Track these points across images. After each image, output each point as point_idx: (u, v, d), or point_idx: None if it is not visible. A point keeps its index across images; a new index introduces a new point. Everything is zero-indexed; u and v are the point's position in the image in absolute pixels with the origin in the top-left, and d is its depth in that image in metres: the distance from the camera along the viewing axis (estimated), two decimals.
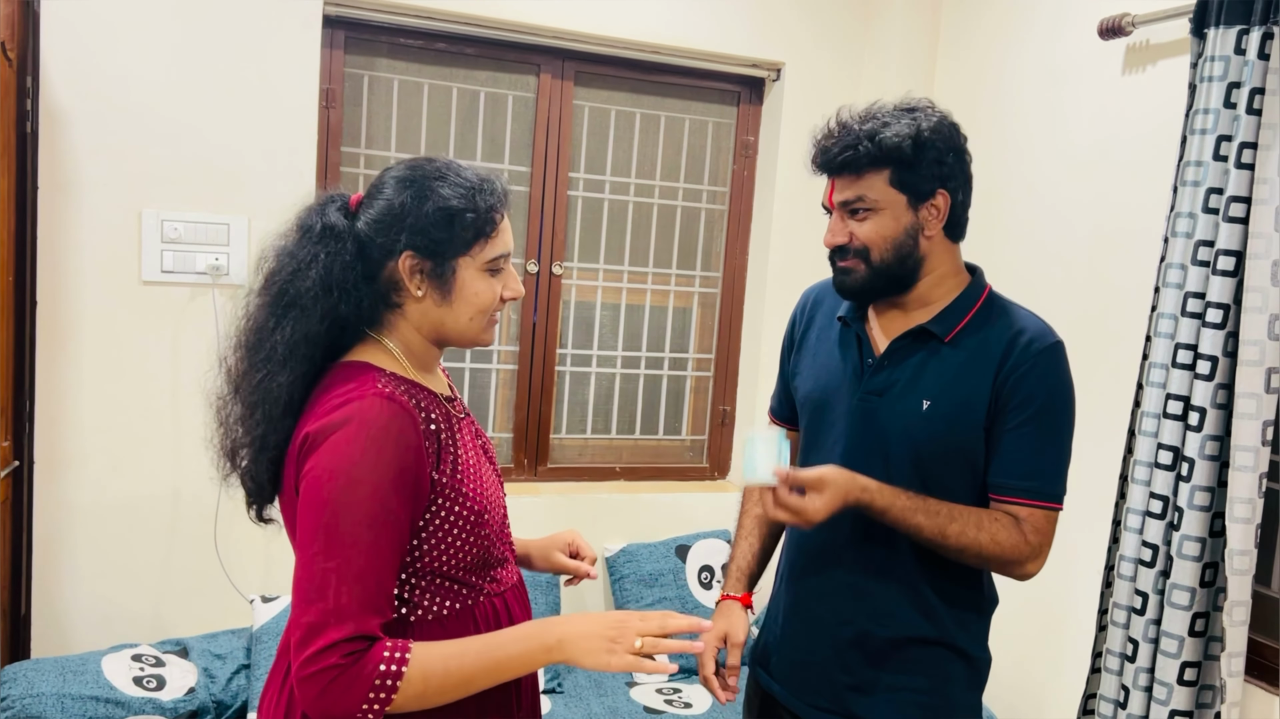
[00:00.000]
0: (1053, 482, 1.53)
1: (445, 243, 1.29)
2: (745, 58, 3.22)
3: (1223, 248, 2.09)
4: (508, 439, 3.25)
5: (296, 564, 1.21)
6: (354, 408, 1.22)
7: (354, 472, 1.19)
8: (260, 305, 1.31)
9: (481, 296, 1.33)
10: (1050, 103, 2.80)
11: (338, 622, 1.16)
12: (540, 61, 3.10)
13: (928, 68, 3.28)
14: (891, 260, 1.53)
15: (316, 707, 1.17)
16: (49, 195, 2.55)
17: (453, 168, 1.33)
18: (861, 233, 1.52)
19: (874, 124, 1.49)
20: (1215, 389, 2.12)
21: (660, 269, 3.38)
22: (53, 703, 2.33)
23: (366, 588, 1.18)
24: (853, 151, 1.48)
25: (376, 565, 1.20)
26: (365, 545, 1.19)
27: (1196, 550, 2.14)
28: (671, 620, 1.27)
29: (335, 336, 1.31)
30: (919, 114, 1.51)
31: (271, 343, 1.28)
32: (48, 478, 2.63)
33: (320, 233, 1.29)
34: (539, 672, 2.77)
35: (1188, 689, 2.17)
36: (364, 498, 1.19)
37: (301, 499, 1.22)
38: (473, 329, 1.35)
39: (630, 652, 1.23)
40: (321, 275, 1.27)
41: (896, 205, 1.51)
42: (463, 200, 1.30)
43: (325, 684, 1.15)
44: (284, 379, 1.27)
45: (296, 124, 2.74)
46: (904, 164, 1.48)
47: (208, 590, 2.75)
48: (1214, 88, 2.12)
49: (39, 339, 2.58)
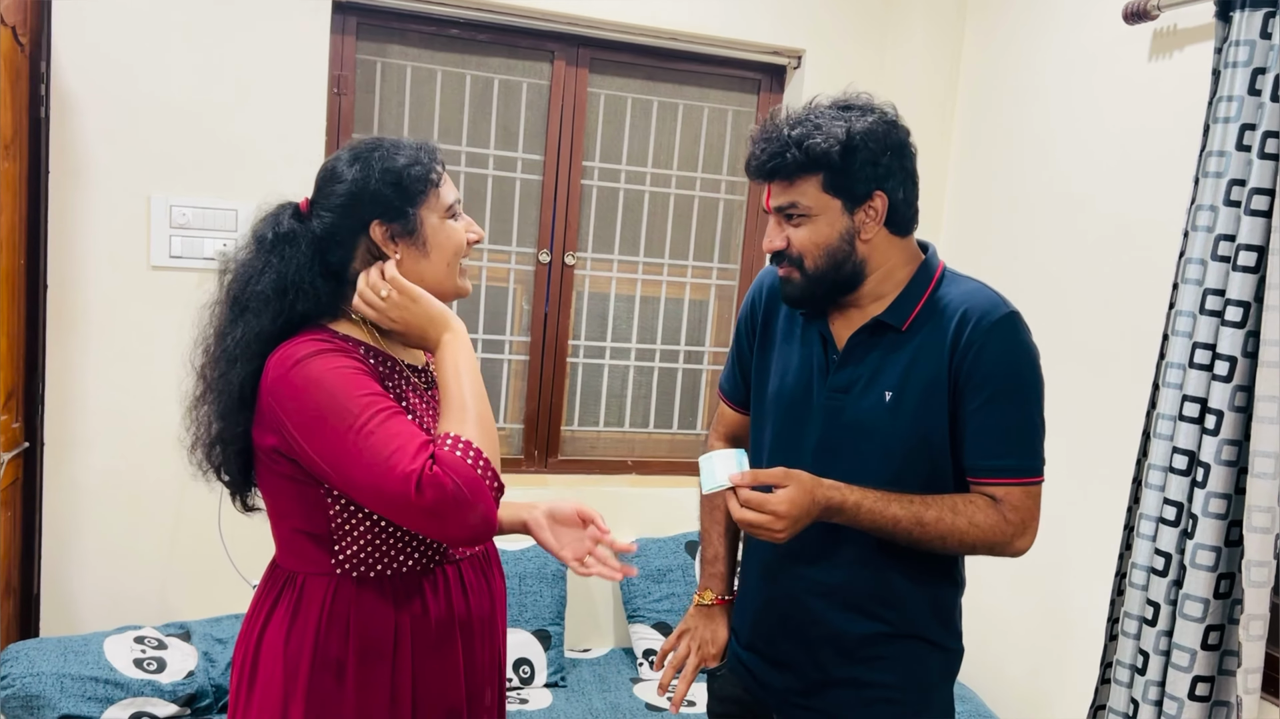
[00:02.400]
0: (1026, 456, 1.51)
1: (402, 200, 1.39)
2: (765, 44, 3.15)
3: (1244, 242, 1.98)
4: (519, 430, 3.23)
5: (336, 472, 1.27)
6: (289, 348, 1.33)
7: (324, 379, 1.28)
8: (219, 312, 1.43)
9: (453, 238, 1.44)
10: (1075, 91, 2.70)
11: (412, 457, 1.22)
12: (555, 48, 3.06)
13: (952, 55, 3.19)
14: (826, 267, 1.50)
15: (456, 521, 1.23)
16: (60, 180, 2.58)
17: (387, 141, 1.43)
18: (796, 239, 1.50)
19: (803, 129, 1.44)
20: (1234, 391, 2.02)
21: (676, 260, 3.32)
22: (52, 682, 2.36)
23: (393, 422, 1.26)
24: (780, 159, 1.45)
25: (383, 410, 1.27)
26: (373, 405, 1.27)
27: (1211, 560, 2.04)
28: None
29: (294, 330, 1.38)
30: (852, 114, 1.46)
31: (226, 344, 1.39)
32: (57, 460, 2.66)
33: (272, 241, 1.39)
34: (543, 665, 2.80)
35: (1200, 705, 2.08)
36: (346, 385, 1.28)
37: (298, 435, 1.29)
38: (451, 276, 1.44)
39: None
40: (274, 280, 1.37)
41: (831, 210, 1.47)
42: (405, 159, 1.40)
43: (442, 496, 1.21)
44: (236, 375, 1.36)
45: (306, 110, 2.74)
46: (835, 169, 1.44)
47: (212, 574, 2.76)
48: (1238, 74, 2.01)
49: (49, 323, 2.61)
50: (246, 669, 1.42)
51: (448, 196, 1.44)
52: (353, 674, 1.37)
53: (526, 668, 2.86)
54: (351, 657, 1.37)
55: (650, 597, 3.06)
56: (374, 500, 1.26)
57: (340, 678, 1.37)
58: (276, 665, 1.38)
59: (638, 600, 3.07)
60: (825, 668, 1.59)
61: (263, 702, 1.39)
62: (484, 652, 1.50)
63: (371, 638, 1.38)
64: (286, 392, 1.31)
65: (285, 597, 1.41)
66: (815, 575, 1.58)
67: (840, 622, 1.57)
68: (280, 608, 1.41)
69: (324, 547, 1.39)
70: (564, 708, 2.76)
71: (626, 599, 3.10)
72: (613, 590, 3.22)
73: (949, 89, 3.22)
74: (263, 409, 1.35)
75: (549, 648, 2.90)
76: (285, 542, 1.45)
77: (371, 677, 1.38)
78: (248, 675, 1.42)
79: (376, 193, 1.38)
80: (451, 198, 1.44)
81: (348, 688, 1.37)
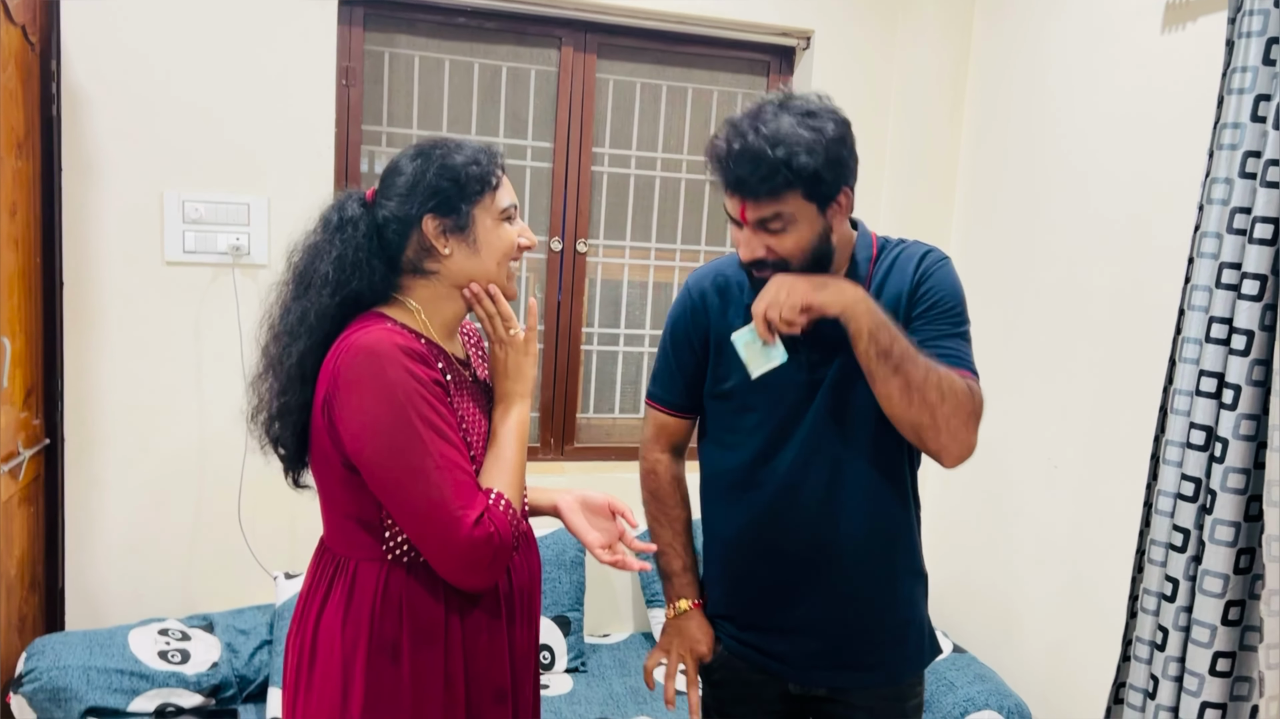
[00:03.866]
0: (964, 360, 1.61)
1: (457, 197, 1.44)
2: (774, 26, 3.13)
3: (1260, 215, 1.96)
4: (534, 419, 3.23)
5: (391, 495, 1.36)
6: (362, 342, 1.36)
7: (385, 388, 1.33)
8: (284, 292, 1.49)
9: (504, 239, 1.48)
10: (1087, 66, 2.67)
11: (464, 510, 1.34)
12: (562, 34, 3.05)
13: (963, 32, 3.16)
14: (809, 264, 1.56)
15: (488, 576, 1.38)
16: (73, 178, 2.59)
17: (452, 140, 1.50)
18: (781, 247, 1.54)
19: (785, 148, 1.46)
20: (1251, 365, 1.99)
21: (688, 246, 3.32)
22: (78, 675, 2.39)
23: (461, 468, 1.36)
24: (772, 181, 1.48)
25: (454, 451, 1.36)
26: (437, 441, 1.34)
27: (1230, 535, 2.03)
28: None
29: (350, 310, 1.45)
30: (819, 121, 1.50)
31: (289, 319, 1.45)
32: (78, 456, 2.68)
33: (337, 224, 1.46)
34: (563, 650, 2.84)
35: (1221, 680, 2.06)
36: (404, 401, 1.33)
37: (355, 444, 1.35)
38: (500, 276, 1.49)
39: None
40: (336, 260, 1.43)
41: (809, 215, 1.53)
42: (463, 158, 1.45)
43: (491, 554, 1.35)
44: (298, 349, 1.43)
45: (314, 103, 2.75)
46: (817, 179, 1.49)
47: (234, 567, 2.79)
48: (1253, 44, 1.98)
49: (66, 320, 2.63)
50: (306, 653, 1.46)
51: (504, 200, 1.48)
52: (408, 657, 1.41)
53: (547, 653, 2.88)
54: (406, 640, 1.41)
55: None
56: (420, 529, 1.36)
57: (396, 661, 1.41)
58: (335, 649, 1.42)
59: (656, 586, 3.07)
60: (834, 620, 1.68)
61: (323, 685, 1.43)
62: (524, 631, 1.55)
63: (424, 621, 1.42)
64: (349, 386, 1.35)
65: (339, 582, 1.45)
66: (784, 534, 1.67)
67: (832, 574, 1.66)
68: (335, 593, 1.44)
69: (375, 534, 1.43)
70: (584, 693, 2.78)
71: (645, 584, 3.11)
72: (632, 576, 3.23)
73: (960, 67, 3.19)
74: (323, 393, 1.39)
75: (569, 634, 2.92)
76: (336, 526, 1.48)
77: (426, 660, 1.42)
78: (307, 659, 1.46)
79: (432, 186, 1.44)
80: (507, 201, 1.49)
81: (403, 671, 1.41)
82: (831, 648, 1.69)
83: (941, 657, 2.78)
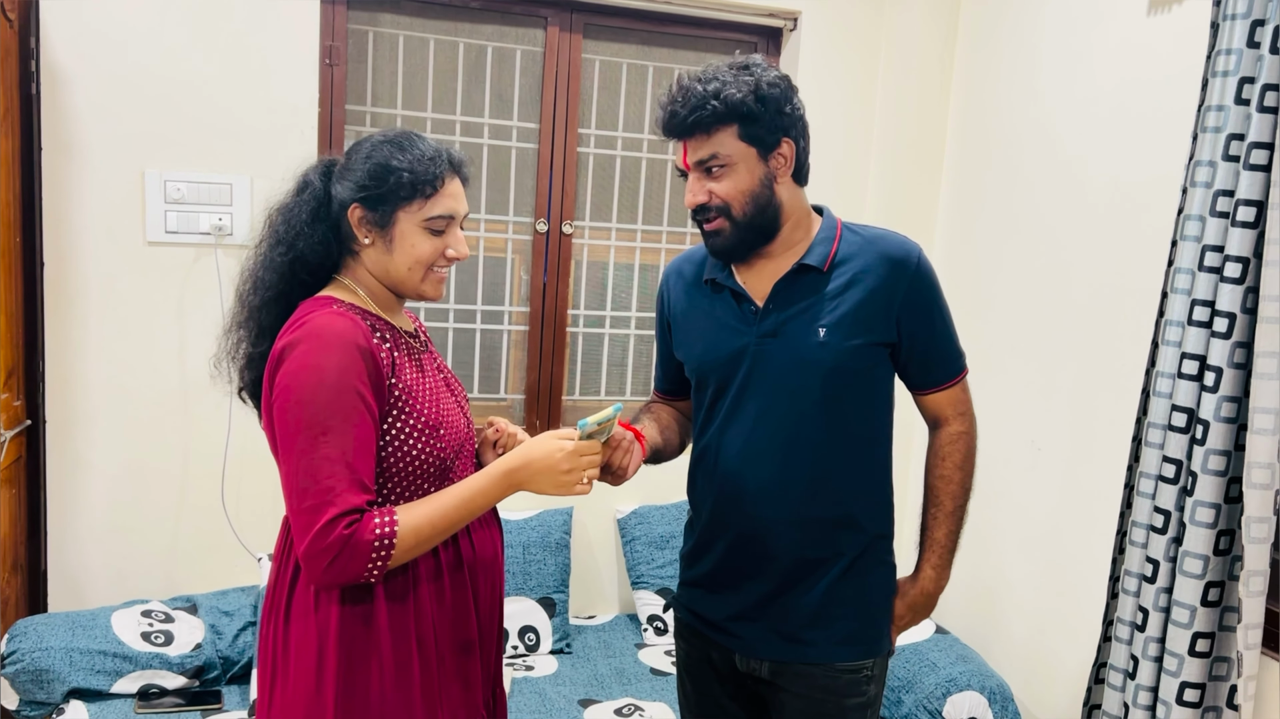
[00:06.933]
0: (956, 359, 1.74)
1: (382, 196, 1.47)
2: (761, 6, 3.12)
3: (1243, 197, 1.97)
4: (520, 401, 3.23)
5: (284, 463, 1.38)
6: (310, 323, 1.41)
7: (320, 372, 1.37)
8: (257, 245, 1.56)
9: (418, 249, 1.49)
10: (1073, 48, 2.67)
11: (332, 501, 1.34)
12: (548, 14, 3.03)
13: (950, 14, 3.15)
14: (753, 212, 1.61)
15: (326, 578, 1.36)
16: (53, 157, 2.57)
17: (411, 137, 1.50)
18: (720, 190, 1.59)
19: (716, 84, 1.55)
20: (1233, 348, 2.01)
21: (674, 228, 3.31)
22: (60, 656, 2.38)
23: (352, 469, 1.36)
24: (701, 111, 1.55)
25: (357, 448, 1.37)
26: (343, 432, 1.36)
27: (1210, 517, 2.04)
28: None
29: (303, 273, 1.51)
30: (754, 69, 1.59)
31: (253, 270, 1.53)
32: (60, 436, 2.67)
33: (299, 186, 1.53)
34: (548, 632, 2.84)
35: (1200, 660, 2.08)
36: (333, 392, 1.36)
37: (278, 407, 1.39)
38: (412, 279, 1.52)
39: (580, 481, 1.47)
40: (286, 219, 1.51)
41: (749, 158, 1.58)
42: (401, 160, 1.47)
43: (332, 557, 1.34)
44: (256, 300, 1.51)
45: (297, 82, 2.73)
46: (750, 118, 1.55)
47: (217, 548, 2.78)
48: (1237, 26, 1.99)
49: (47, 300, 2.61)
50: (280, 627, 1.48)
51: (436, 209, 1.49)
52: (381, 619, 1.45)
53: (532, 635, 2.88)
54: (378, 603, 1.44)
55: (654, 563, 3.07)
56: (288, 505, 1.38)
57: (369, 624, 1.44)
58: (309, 620, 1.45)
59: (641, 567, 3.08)
60: (791, 619, 1.69)
61: (299, 657, 1.45)
62: (488, 590, 1.60)
63: (393, 584, 1.46)
64: (289, 360, 1.39)
65: None
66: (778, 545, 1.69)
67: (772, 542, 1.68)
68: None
69: None
70: (569, 673, 2.79)
71: (630, 566, 3.11)
72: (616, 558, 3.23)
73: (947, 49, 3.18)
74: (269, 369, 1.43)
75: (554, 615, 2.92)
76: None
77: (397, 621, 1.46)
78: (281, 633, 1.48)
79: (366, 179, 1.48)
80: (439, 212, 1.49)
81: (377, 632, 1.45)
82: (763, 614, 1.71)
83: (923, 638, 2.80)
